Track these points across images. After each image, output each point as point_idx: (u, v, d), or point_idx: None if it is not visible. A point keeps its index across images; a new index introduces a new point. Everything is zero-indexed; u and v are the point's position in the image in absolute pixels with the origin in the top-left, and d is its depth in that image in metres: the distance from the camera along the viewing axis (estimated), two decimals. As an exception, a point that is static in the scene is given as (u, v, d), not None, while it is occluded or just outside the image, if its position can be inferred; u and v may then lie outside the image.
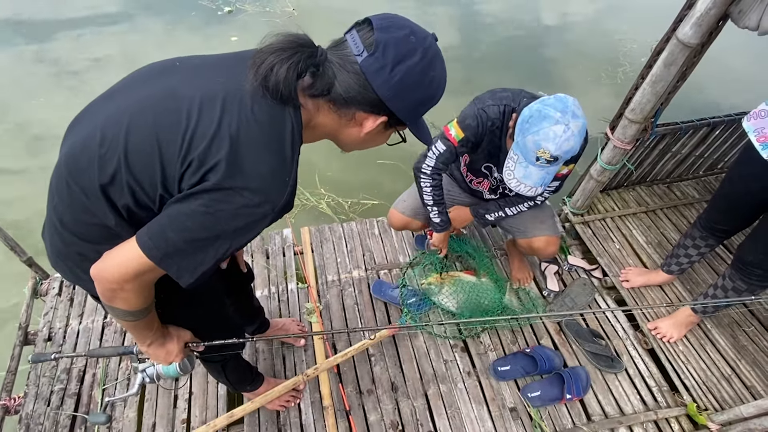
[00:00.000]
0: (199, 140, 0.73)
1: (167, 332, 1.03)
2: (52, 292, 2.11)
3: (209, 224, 0.74)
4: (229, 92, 0.76)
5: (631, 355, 2.03)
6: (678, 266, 2.08)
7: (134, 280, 0.78)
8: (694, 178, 2.78)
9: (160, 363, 1.07)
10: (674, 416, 1.85)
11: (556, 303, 2.15)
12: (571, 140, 1.35)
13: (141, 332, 0.96)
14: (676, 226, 2.52)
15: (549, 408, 1.85)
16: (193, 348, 1.11)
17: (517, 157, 1.48)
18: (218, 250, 0.77)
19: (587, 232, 2.45)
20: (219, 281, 1.29)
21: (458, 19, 4.78)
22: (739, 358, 1.98)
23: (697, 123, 2.30)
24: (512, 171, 1.51)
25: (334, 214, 2.77)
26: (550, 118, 1.34)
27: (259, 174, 0.74)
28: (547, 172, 1.45)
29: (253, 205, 0.74)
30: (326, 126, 0.83)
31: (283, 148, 0.77)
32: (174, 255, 0.76)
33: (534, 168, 1.44)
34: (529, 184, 1.49)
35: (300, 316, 2.09)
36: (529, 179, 1.47)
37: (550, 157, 1.38)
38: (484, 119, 1.60)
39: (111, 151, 0.76)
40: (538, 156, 1.39)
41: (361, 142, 0.87)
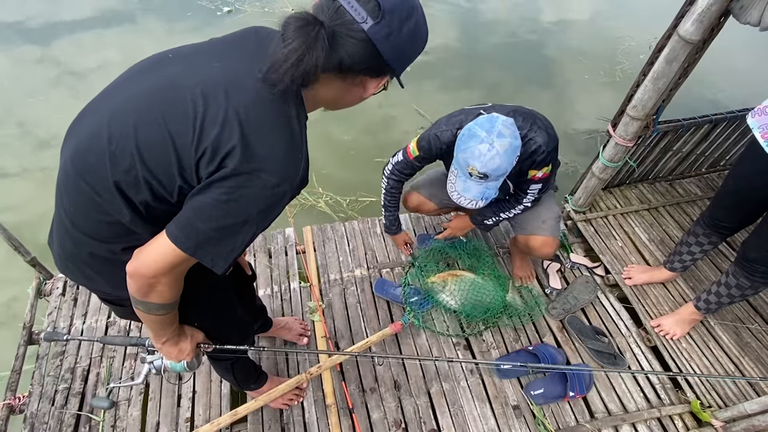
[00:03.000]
0: (209, 128, 0.73)
1: (182, 331, 1.06)
2: (56, 292, 2.11)
3: (234, 210, 0.76)
4: (229, 76, 0.76)
5: (634, 353, 2.02)
6: (681, 264, 2.07)
7: (170, 272, 0.81)
8: (697, 175, 2.77)
9: (171, 360, 1.08)
10: (678, 413, 1.85)
11: (559, 301, 2.15)
12: (496, 159, 1.43)
13: (162, 328, 0.98)
14: (679, 223, 2.51)
15: (552, 406, 1.85)
16: (205, 349, 1.13)
17: (456, 171, 1.57)
18: (246, 235, 0.79)
19: (589, 230, 2.45)
20: (229, 281, 1.29)
21: (458, 17, 4.78)
22: (743, 355, 1.98)
23: (699, 120, 2.29)
24: (453, 184, 1.60)
25: (333, 213, 2.77)
26: (476, 137, 1.45)
27: (273, 154, 0.75)
28: (486, 186, 1.53)
29: (272, 186, 0.75)
30: (328, 95, 0.84)
31: (291, 123, 0.77)
32: (205, 244, 0.78)
33: (471, 182, 1.53)
34: (469, 197, 1.57)
35: (303, 314, 2.10)
36: (469, 192, 1.56)
37: (479, 174, 1.46)
38: (436, 144, 1.69)
39: (121, 147, 0.76)
40: (470, 172, 1.49)
41: (357, 102, 0.89)
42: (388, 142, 3.30)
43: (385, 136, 3.37)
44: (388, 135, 3.39)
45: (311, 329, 2.03)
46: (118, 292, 0.91)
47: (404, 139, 3.34)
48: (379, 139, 3.34)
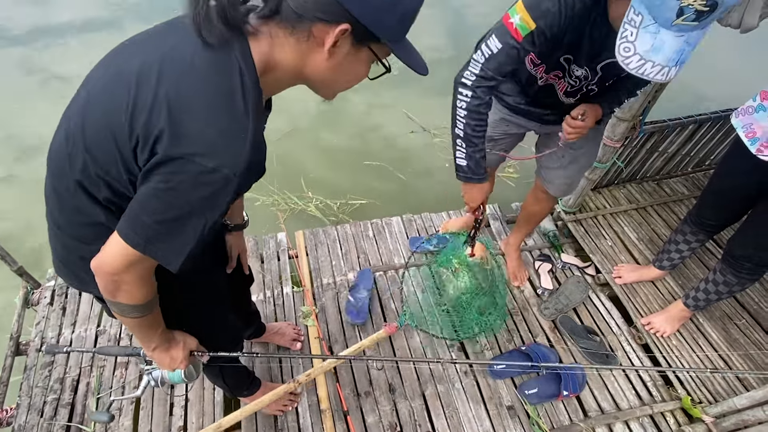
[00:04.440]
0: (139, 113, 0.68)
1: (173, 338, 1.02)
2: (44, 302, 2.08)
3: (174, 200, 0.70)
4: (167, 54, 0.70)
5: (626, 351, 2.05)
6: (669, 262, 2.10)
7: (129, 270, 0.77)
8: (683, 174, 2.82)
9: (164, 368, 1.06)
10: (669, 410, 1.87)
11: (551, 301, 2.17)
12: None
13: (146, 333, 0.95)
14: (667, 222, 2.55)
15: (546, 405, 1.86)
16: (198, 357, 1.11)
17: (640, 18, 0.99)
18: (196, 228, 0.73)
19: (579, 230, 2.47)
20: (224, 283, 1.28)
21: (446, 21, 4.82)
22: (731, 351, 2.01)
23: (684, 120, 2.33)
24: (632, 44, 1.02)
25: (323, 217, 2.77)
26: None
27: (205, 135, 0.67)
28: (688, 40, 0.99)
29: (209, 171, 0.67)
30: (287, 61, 0.72)
31: (232, 100, 0.68)
32: (155, 240, 0.73)
33: (668, 34, 0.98)
34: (659, 60, 1.01)
35: (296, 319, 2.09)
36: (660, 53, 1.00)
37: (704, 4, 0.90)
38: (570, 2, 1.12)
39: (75, 147, 0.75)
40: (682, 6, 0.92)
41: (333, 72, 0.74)
42: (377, 146, 3.31)
43: (374, 140, 3.38)
44: (376, 139, 3.40)
45: (305, 334, 2.02)
46: None
47: (394, 143, 3.36)
48: (367, 143, 3.34)
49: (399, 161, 3.17)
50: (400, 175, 3.05)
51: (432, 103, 3.70)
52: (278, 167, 2.99)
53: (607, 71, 1.33)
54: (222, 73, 0.68)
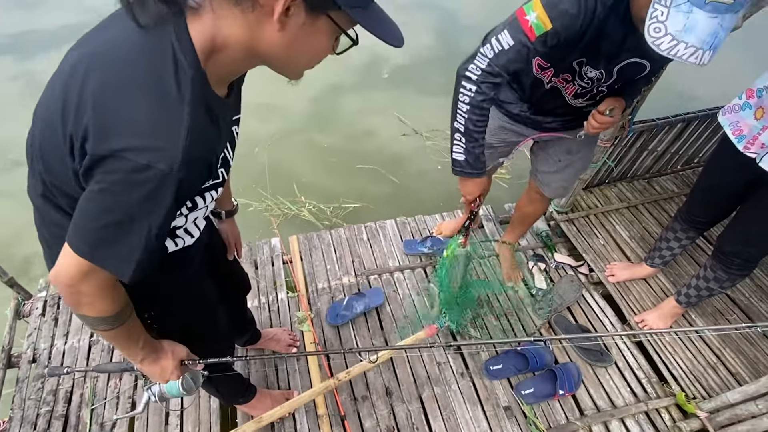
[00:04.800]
0: (68, 114, 0.63)
1: (160, 348, 0.98)
2: (35, 313, 2.06)
3: (111, 203, 0.64)
4: (99, 47, 0.65)
5: (620, 349, 2.06)
6: (661, 259, 2.12)
7: (85, 281, 0.72)
8: (673, 172, 2.85)
9: (156, 380, 1.03)
10: (664, 406, 1.88)
11: (545, 301, 2.18)
12: None
13: (127, 346, 0.91)
14: (658, 220, 2.57)
15: (542, 405, 1.87)
16: (190, 365, 1.06)
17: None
18: (141, 233, 0.66)
19: (572, 230, 2.49)
20: (212, 288, 1.26)
21: (437, 23, 4.84)
22: (724, 347, 2.03)
23: (672, 119, 2.36)
24: (663, 24, 0.96)
25: (317, 221, 2.77)
26: None
27: (133, 128, 0.60)
28: (721, 22, 0.93)
29: (141, 168, 0.60)
30: (236, 37, 0.64)
31: (162, 83, 0.61)
32: (99, 247, 0.67)
33: (702, 13, 0.92)
34: (692, 42, 0.94)
35: (291, 325, 2.08)
36: (692, 34, 0.93)
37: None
38: (591, 4, 1.07)
39: (34, 160, 0.74)
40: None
41: (289, 46, 0.66)
42: (370, 149, 3.31)
43: (367, 144, 3.39)
44: (369, 143, 3.40)
45: (300, 339, 2.01)
46: None
47: (386, 146, 3.36)
48: (360, 146, 3.35)
49: (391, 164, 3.18)
50: (393, 178, 3.06)
51: (424, 105, 3.72)
52: (270, 172, 2.98)
53: (622, 73, 1.30)
54: (152, 58, 0.61)
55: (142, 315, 1.00)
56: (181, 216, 0.84)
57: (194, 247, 0.98)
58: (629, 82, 1.37)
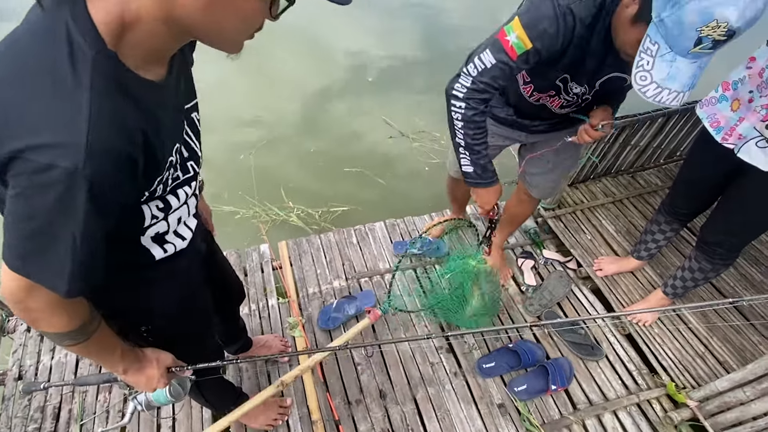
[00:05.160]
0: None
1: (143, 356, 0.95)
2: (20, 329, 2.02)
3: (27, 209, 0.58)
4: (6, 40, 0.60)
5: (610, 342, 2.08)
6: (647, 252, 2.15)
7: (30, 297, 0.66)
8: (656, 166, 2.89)
9: (143, 390, 1.01)
10: (655, 397, 1.91)
11: (535, 297, 2.20)
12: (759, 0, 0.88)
13: (101, 358, 0.87)
14: (643, 213, 2.61)
15: (536, 401, 1.88)
16: (177, 372, 1.04)
17: (656, 47, 1.00)
18: (67, 242, 0.60)
19: (559, 226, 2.51)
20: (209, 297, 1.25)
21: (421, 26, 4.87)
22: (711, 336, 2.06)
23: (653, 114, 2.40)
24: (648, 73, 1.02)
25: (306, 226, 2.76)
26: None
27: (27, 123, 0.54)
28: (700, 65, 1.00)
29: (43, 168, 0.54)
30: (148, 9, 0.57)
31: (56, 69, 0.54)
32: (29, 259, 0.62)
33: (684, 62, 0.99)
34: (675, 88, 1.02)
35: (283, 331, 2.07)
36: (676, 81, 1.01)
37: (723, 35, 0.91)
38: (570, 24, 1.10)
39: None
40: (701, 36, 0.93)
41: (208, 11, 0.58)
42: (357, 152, 3.32)
43: (354, 147, 3.39)
44: (356, 145, 3.41)
45: (292, 345, 2.00)
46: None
47: (374, 149, 3.37)
48: (347, 150, 3.35)
49: (379, 167, 3.19)
50: (380, 180, 3.07)
51: (410, 107, 3.74)
52: (257, 179, 2.97)
53: (605, 86, 1.35)
54: (43, 42, 0.55)
55: (138, 328, 1.00)
56: (159, 221, 0.82)
57: (188, 252, 0.96)
58: (614, 92, 1.42)
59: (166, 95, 0.71)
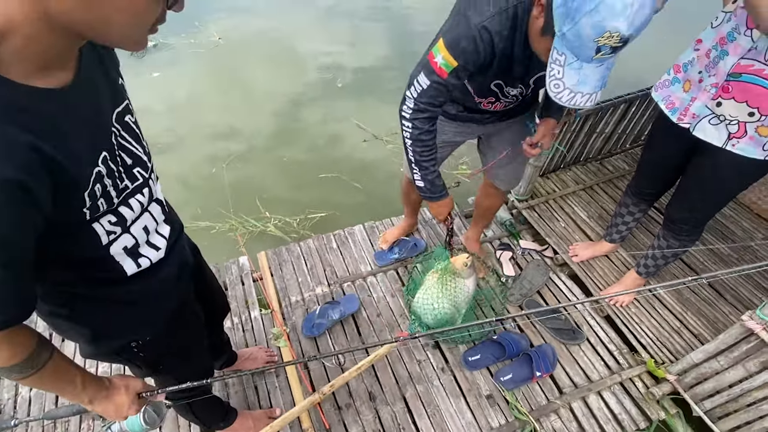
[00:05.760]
0: None
1: (110, 385, 0.90)
2: (-6, 363, 1.95)
3: None
4: None
5: (590, 325, 2.13)
6: (618, 234, 2.22)
7: None
8: (622, 151, 2.98)
9: (114, 419, 0.96)
10: (636, 375, 1.96)
11: (515, 287, 2.24)
12: (646, 6, 0.94)
13: (61, 389, 0.82)
14: (613, 198, 2.68)
15: (522, 389, 1.91)
16: (147, 397, 0.99)
17: (564, 57, 1.07)
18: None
19: (533, 216, 2.56)
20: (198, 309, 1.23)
21: (392, 31, 4.92)
22: (685, 311, 2.13)
23: (616, 101, 2.47)
24: (561, 81, 1.10)
25: (284, 235, 2.74)
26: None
27: None
28: (607, 66, 1.08)
29: None
30: (18, 12, 0.52)
31: None
32: None
33: (591, 67, 1.07)
34: (587, 91, 1.11)
35: (267, 342, 2.06)
36: (586, 85, 1.09)
37: (618, 42, 0.98)
38: (488, 39, 1.18)
39: None
40: (599, 46, 1.00)
41: (88, 4, 0.54)
42: (332, 158, 3.32)
43: (329, 153, 3.39)
44: (331, 151, 3.41)
45: (278, 355, 1.99)
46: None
47: (349, 153, 3.38)
48: (322, 157, 3.35)
49: (355, 171, 3.20)
50: (357, 184, 3.07)
51: (381, 110, 3.76)
52: (232, 192, 2.95)
53: (538, 83, 1.44)
54: None
55: (128, 344, 0.98)
56: (119, 235, 0.80)
57: (171, 262, 0.95)
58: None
59: (77, 101, 0.66)
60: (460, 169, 3.28)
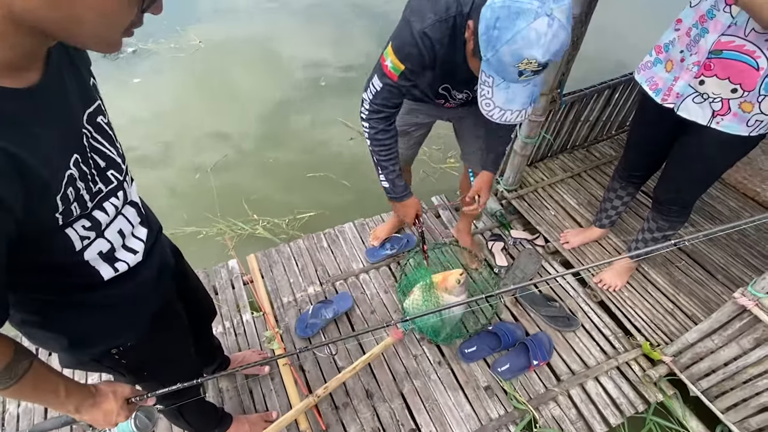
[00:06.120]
0: None
1: (96, 392, 0.88)
2: (-21, 381, 1.90)
3: None
4: None
5: (585, 311, 2.13)
6: (608, 219, 2.22)
7: None
8: (608, 138, 2.99)
9: (104, 427, 0.93)
10: (633, 358, 1.96)
11: (508, 276, 2.23)
12: (560, 34, 1.00)
13: (45, 400, 0.80)
14: (601, 184, 2.69)
15: (520, 378, 1.90)
16: (137, 401, 0.96)
17: (492, 79, 1.14)
18: None
19: (523, 205, 2.56)
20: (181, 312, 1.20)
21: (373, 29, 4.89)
22: (678, 292, 2.14)
23: (599, 87, 2.48)
24: (491, 100, 1.18)
25: (273, 236, 2.70)
26: (526, 13, 0.97)
27: None
28: (534, 84, 1.15)
29: None
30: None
31: None
32: None
33: (518, 86, 1.13)
34: (516, 108, 1.18)
35: (261, 345, 2.02)
36: (515, 102, 1.16)
37: (537, 67, 1.05)
38: (427, 44, 1.23)
39: None
40: (520, 70, 1.06)
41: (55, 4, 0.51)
42: (318, 157, 3.29)
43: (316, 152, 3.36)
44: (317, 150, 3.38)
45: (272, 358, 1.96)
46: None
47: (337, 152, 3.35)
48: (308, 156, 3.31)
49: (343, 169, 3.17)
50: (345, 182, 3.05)
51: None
52: (219, 196, 2.91)
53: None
54: None
55: (108, 351, 0.95)
56: (93, 240, 0.77)
57: (149, 265, 0.92)
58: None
59: (46, 102, 0.63)
60: (448, 162, 3.27)
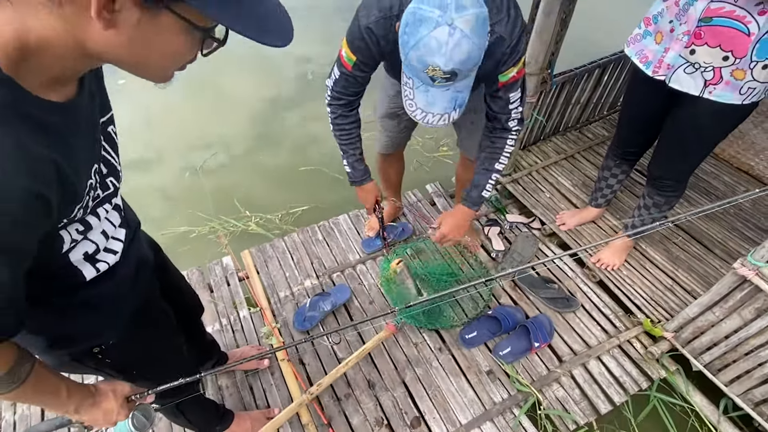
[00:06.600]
0: None
1: (96, 391, 0.88)
2: (-27, 390, 1.86)
3: None
4: None
5: (584, 291, 2.12)
6: (604, 198, 2.20)
7: None
8: (600, 118, 2.97)
9: (103, 426, 0.92)
10: (634, 336, 1.95)
11: (506, 261, 2.21)
12: (463, 44, 1.00)
13: (47, 402, 0.80)
14: (594, 164, 2.67)
15: (522, 361, 1.89)
16: (137, 399, 0.95)
17: (412, 81, 1.16)
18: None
19: (518, 189, 2.54)
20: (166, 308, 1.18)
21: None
22: (676, 268, 2.13)
23: (589, 66, 2.46)
24: (413, 101, 1.20)
25: (267, 232, 2.67)
26: (428, 21, 0.99)
27: None
28: (455, 90, 1.14)
29: None
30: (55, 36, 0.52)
31: None
32: None
33: (436, 90, 1.14)
34: (437, 111, 1.18)
35: (259, 341, 2.00)
36: (436, 106, 1.17)
37: (444, 74, 1.05)
38: (374, 40, 1.26)
39: None
40: (431, 76, 1.06)
41: (129, 48, 0.54)
42: (310, 151, 3.26)
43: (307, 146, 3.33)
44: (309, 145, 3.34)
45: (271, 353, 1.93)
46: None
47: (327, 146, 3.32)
48: (301, 151, 3.28)
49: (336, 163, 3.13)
50: (337, 176, 3.02)
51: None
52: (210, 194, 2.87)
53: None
54: None
55: (90, 351, 0.93)
56: (78, 242, 0.76)
57: (128, 263, 0.90)
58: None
59: (79, 115, 0.65)
60: (441, 150, 3.24)
